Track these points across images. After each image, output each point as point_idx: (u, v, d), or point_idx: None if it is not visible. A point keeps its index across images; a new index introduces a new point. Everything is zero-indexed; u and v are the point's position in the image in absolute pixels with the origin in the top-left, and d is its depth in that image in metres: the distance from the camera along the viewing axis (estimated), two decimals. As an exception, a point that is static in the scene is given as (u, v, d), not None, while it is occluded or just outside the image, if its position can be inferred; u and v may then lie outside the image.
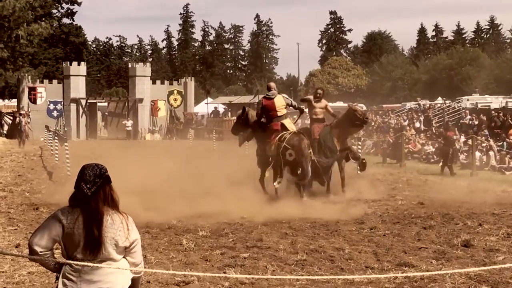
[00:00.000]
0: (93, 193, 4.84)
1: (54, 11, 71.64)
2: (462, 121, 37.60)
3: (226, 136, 47.48)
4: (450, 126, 26.94)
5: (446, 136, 25.48)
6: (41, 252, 4.83)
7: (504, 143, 27.63)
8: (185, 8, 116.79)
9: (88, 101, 55.82)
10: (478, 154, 25.72)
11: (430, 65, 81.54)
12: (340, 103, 52.29)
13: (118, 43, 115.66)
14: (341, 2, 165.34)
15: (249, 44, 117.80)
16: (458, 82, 72.30)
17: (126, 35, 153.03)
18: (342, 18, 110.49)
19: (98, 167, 4.93)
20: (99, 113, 59.55)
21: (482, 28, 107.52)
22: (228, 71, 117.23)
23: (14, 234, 12.10)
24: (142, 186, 16.13)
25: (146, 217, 13.38)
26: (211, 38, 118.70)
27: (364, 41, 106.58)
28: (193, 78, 63.45)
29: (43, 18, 55.31)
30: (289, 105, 16.79)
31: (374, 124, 41.35)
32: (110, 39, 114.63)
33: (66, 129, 52.40)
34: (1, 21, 47.28)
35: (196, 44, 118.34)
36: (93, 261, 4.82)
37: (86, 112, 55.08)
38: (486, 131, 31.56)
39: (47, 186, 19.44)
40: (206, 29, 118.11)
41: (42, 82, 56.22)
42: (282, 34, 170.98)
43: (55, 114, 54.95)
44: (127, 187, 13.42)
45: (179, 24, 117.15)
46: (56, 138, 29.53)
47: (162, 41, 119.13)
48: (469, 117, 36.82)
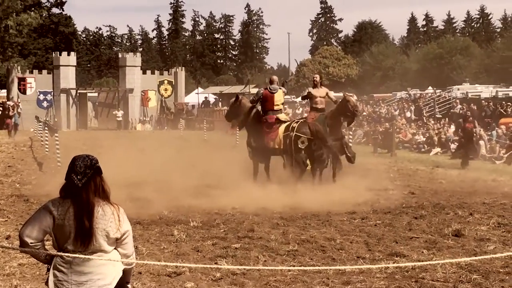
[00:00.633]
0: (84, 184, 4.82)
1: (44, 1, 71.47)
2: (452, 110, 37.71)
3: (217, 126, 47.49)
4: (468, 118, 25.65)
5: (464, 128, 24.59)
6: (31, 243, 4.80)
7: (494, 133, 27.69)
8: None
9: (78, 91, 55.59)
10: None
11: (420, 54, 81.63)
12: (331, 93, 52.18)
13: (108, 33, 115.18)
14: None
15: (239, 34, 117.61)
16: (449, 71, 72.45)
17: (116, 25, 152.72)
18: (332, 8, 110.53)
19: (89, 158, 4.91)
20: (90, 103, 59.31)
21: (473, 17, 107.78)
22: (218, 61, 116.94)
23: (4, 226, 12.04)
24: (133, 177, 16.11)
25: (137, 208, 13.35)
26: (202, 28, 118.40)
27: (354, 30, 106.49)
28: (183, 68, 63.28)
29: (33, 8, 54.99)
30: (285, 92, 17.18)
31: (365, 114, 41.40)
32: (100, 29, 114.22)
33: (56, 119, 52.22)
34: (-10, 11, 47.02)
35: (186, 34, 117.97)
36: (84, 252, 4.80)
37: (76, 102, 54.86)
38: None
39: (38, 177, 19.35)
40: (197, 18, 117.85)
41: (31, 72, 55.93)
42: (272, 23, 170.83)
43: (45, 104, 54.72)
44: (118, 178, 13.40)
45: (169, 13, 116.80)
46: (46, 128, 29.40)
47: (153, 31, 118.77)
48: (459, 106, 36.92)
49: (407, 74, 78.33)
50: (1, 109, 47.22)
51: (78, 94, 55.25)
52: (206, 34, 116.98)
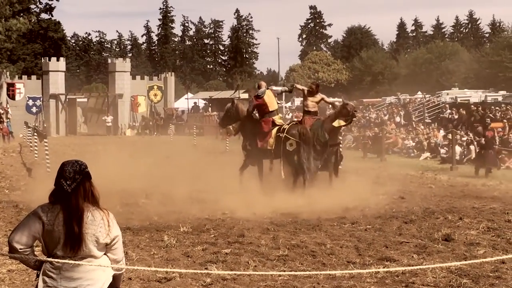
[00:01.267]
0: (73, 189, 4.80)
1: (33, 7, 71.05)
2: (442, 115, 37.82)
3: (207, 131, 47.47)
4: (488, 125, 24.50)
5: (484, 135, 23.93)
6: (21, 249, 4.78)
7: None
8: (164, 3, 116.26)
9: (67, 97, 55.41)
10: (458, 148, 25.84)
11: (410, 59, 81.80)
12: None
13: (98, 39, 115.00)
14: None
15: (229, 39, 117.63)
16: (438, 76, 72.63)
17: (106, 31, 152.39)
18: (322, 13, 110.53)
19: (78, 164, 4.89)
20: (79, 109, 59.12)
21: (461, 22, 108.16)
22: (208, 66, 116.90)
23: (-7, 232, 11.98)
24: (122, 182, 16.07)
25: (127, 213, 13.33)
26: (191, 33, 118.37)
27: (344, 35, 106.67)
28: (173, 73, 63.20)
29: (21, 14, 54.77)
30: (279, 93, 17.18)
31: (355, 119, 41.47)
32: (89, 35, 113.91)
33: (45, 125, 52.05)
34: (-22, 16, 46.86)
35: (176, 39, 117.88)
36: (73, 258, 4.79)
37: (65, 108, 54.68)
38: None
39: (27, 183, 19.28)
40: (186, 24, 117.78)
41: (20, 78, 55.71)
42: (262, 29, 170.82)
43: (34, 110, 54.50)
44: (108, 183, 13.35)
45: (159, 19, 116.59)
46: (35, 134, 29.31)
47: (142, 36, 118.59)
48: (448, 111, 37.03)
49: (397, 79, 78.53)
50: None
51: (67, 100, 55.07)
52: (195, 40, 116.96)
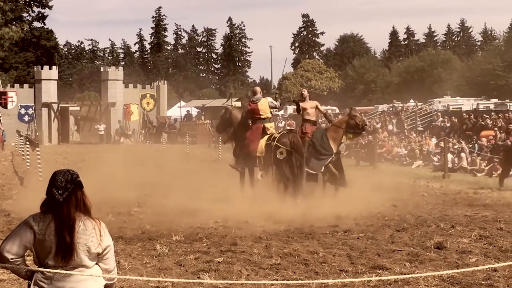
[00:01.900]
0: (64, 199, 4.79)
1: (25, 15, 71.16)
2: (434, 123, 37.91)
3: (200, 139, 47.47)
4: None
5: (506, 143, 23.41)
6: (12, 259, 4.77)
7: (475, 145, 27.85)
8: (157, 11, 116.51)
9: (60, 105, 55.33)
10: (450, 156, 25.89)
11: (402, 67, 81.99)
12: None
13: (90, 47, 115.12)
14: (313, 5, 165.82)
15: (221, 47, 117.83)
16: (430, 84, 72.80)
17: (98, 39, 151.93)
18: (314, 21, 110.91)
19: (70, 173, 4.89)
20: (71, 117, 59.04)
21: (453, 30, 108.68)
22: (201, 75, 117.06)
23: (-15, 241, 11.92)
24: (114, 191, 16.04)
25: (119, 222, 13.30)
26: (184, 41, 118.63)
27: (336, 44, 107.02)
28: (165, 81, 63.20)
29: (14, 22, 54.85)
30: (273, 107, 17.22)
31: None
32: (82, 43, 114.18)
33: (37, 133, 51.92)
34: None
35: (168, 47, 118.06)
36: (65, 268, 4.77)
37: (58, 116, 54.57)
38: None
39: (19, 191, 19.21)
40: (179, 32, 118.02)
41: (13, 86, 55.63)
42: (254, 37, 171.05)
43: (27, 118, 54.34)
44: (100, 192, 13.33)
45: (152, 27, 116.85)
46: (27, 143, 29.24)
47: (135, 44, 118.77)
48: (441, 119, 37.12)
49: (389, 87, 78.70)
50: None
51: (59, 108, 54.97)
52: (188, 48, 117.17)
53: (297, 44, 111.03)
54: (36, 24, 79.22)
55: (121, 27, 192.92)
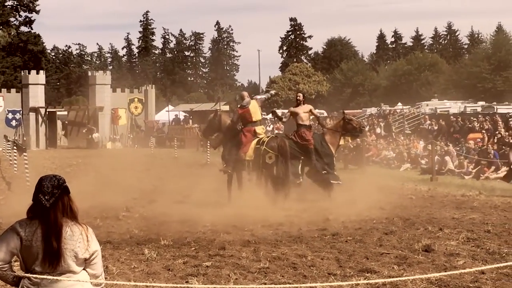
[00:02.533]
0: (51, 204, 4.78)
1: (12, 19, 70.96)
2: (421, 126, 38.01)
3: (188, 143, 47.43)
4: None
5: None
6: (-2, 265, 4.75)
7: (463, 148, 27.94)
8: (145, 15, 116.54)
9: (47, 110, 55.20)
10: (438, 159, 25.96)
11: (389, 71, 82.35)
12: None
13: (78, 51, 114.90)
14: (301, 9, 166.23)
15: (209, 51, 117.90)
16: (418, 87, 73.09)
17: (86, 43, 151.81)
18: (302, 25, 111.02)
19: (56, 178, 4.87)
20: (59, 122, 58.91)
21: (440, 34, 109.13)
22: (189, 79, 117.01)
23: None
24: (102, 196, 16.01)
25: (107, 227, 13.26)
26: (172, 45, 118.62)
27: (324, 47, 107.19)
28: (153, 85, 63.20)
29: (1, 27, 54.68)
30: (263, 100, 17.33)
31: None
32: (70, 47, 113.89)
33: (25, 138, 51.74)
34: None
35: (156, 51, 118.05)
36: (52, 273, 4.75)
37: (45, 121, 54.43)
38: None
39: (6, 197, 19.11)
40: (167, 36, 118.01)
41: (0, 91, 55.46)
42: (242, 41, 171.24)
43: (14, 123, 54.19)
44: (88, 196, 13.30)
45: (139, 31, 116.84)
46: (15, 148, 29.11)
47: (122, 48, 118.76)
48: (428, 122, 37.23)
49: (377, 90, 78.93)
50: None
51: (47, 113, 54.84)
52: (176, 52, 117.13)
53: (285, 47, 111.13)
54: (23, 28, 79.12)
55: (108, 31, 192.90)
